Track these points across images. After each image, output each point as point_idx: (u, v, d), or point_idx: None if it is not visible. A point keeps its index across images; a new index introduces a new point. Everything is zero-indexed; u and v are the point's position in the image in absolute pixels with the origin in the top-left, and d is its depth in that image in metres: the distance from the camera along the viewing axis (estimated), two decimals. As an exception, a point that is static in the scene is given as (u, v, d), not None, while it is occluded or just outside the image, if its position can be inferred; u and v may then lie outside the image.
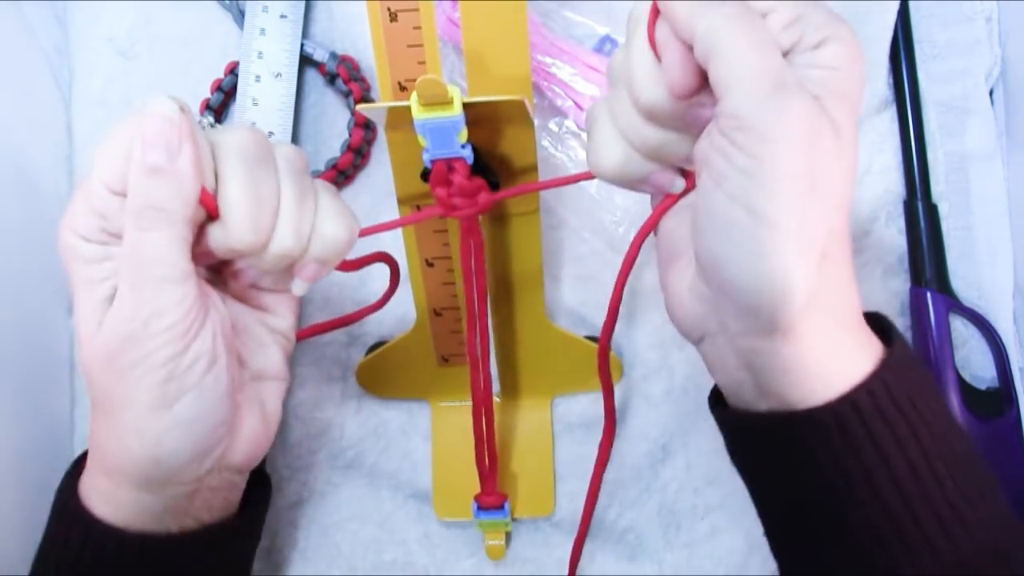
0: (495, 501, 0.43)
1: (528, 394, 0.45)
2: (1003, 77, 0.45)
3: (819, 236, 0.27)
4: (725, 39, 0.27)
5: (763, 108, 0.27)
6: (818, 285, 0.27)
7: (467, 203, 0.34)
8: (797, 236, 0.27)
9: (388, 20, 0.33)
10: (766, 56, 0.27)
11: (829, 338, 0.28)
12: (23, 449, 0.41)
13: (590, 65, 0.43)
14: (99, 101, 0.47)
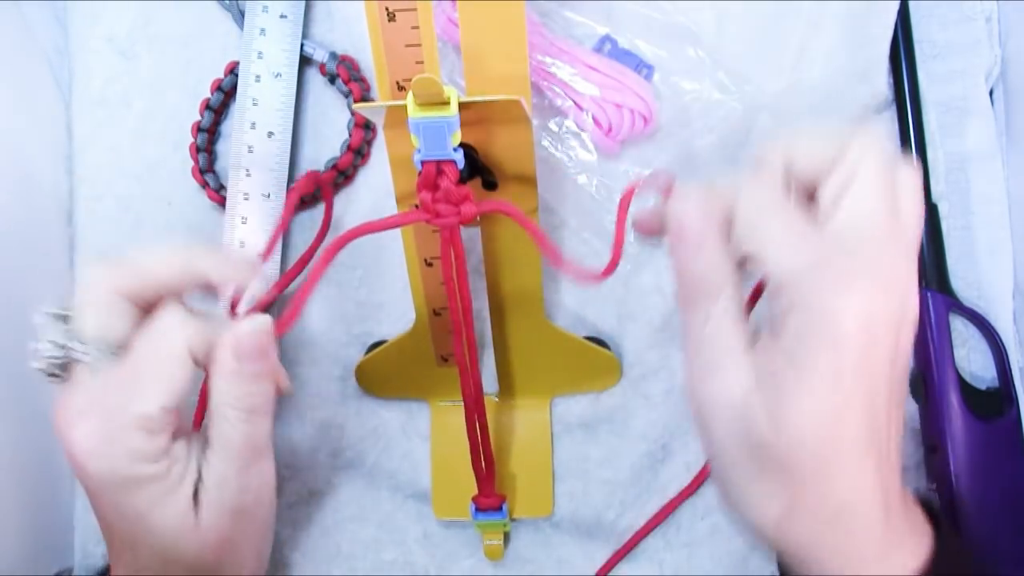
0: (493, 502, 0.42)
1: (527, 394, 0.45)
2: (1003, 77, 0.45)
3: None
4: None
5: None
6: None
7: (450, 211, 0.33)
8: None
9: (386, 20, 0.33)
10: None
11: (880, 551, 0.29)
12: (23, 449, 0.41)
13: (590, 65, 0.43)
14: (99, 101, 0.47)
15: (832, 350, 0.26)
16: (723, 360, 0.29)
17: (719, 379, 0.29)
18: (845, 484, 0.27)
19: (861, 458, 0.27)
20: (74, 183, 0.47)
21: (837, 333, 0.26)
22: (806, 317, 0.27)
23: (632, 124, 0.43)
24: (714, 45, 0.45)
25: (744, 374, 0.28)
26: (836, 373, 0.26)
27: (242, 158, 0.44)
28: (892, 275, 0.27)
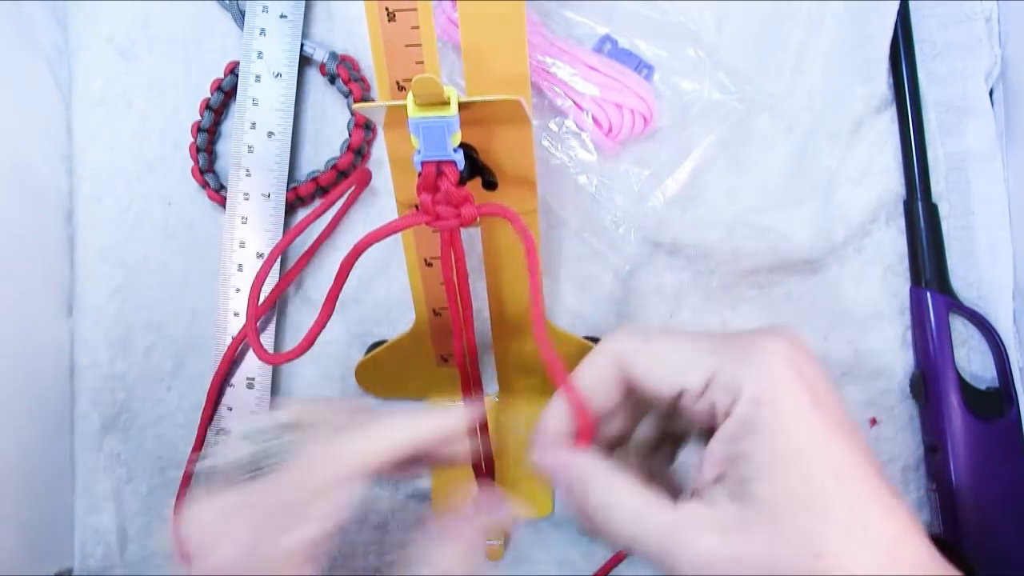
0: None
1: (527, 394, 0.45)
2: (1003, 77, 0.45)
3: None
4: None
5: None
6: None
7: (450, 213, 0.33)
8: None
9: (386, 20, 0.33)
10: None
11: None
12: (23, 449, 0.41)
13: (590, 65, 0.43)
14: (99, 101, 0.47)
15: (782, 391, 0.27)
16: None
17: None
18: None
19: (872, 482, 0.27)
20: (74, 183, 0.47)
21: (773, 370, 0.27)
22: (747, 380, 0.27)
23: (632, 124, 0.43)
24: (714, 45, 0.45)
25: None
26: (801, 410, 0.26)
27: (242, 158, 0.44)
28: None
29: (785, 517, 0.26)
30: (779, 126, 0.45)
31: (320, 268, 0.46)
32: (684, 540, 0.27)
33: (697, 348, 0.28)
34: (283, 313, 0.46)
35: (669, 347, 0.29)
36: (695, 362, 0.28)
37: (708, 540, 0.27)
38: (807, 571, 0.26)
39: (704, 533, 0.27)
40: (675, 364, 0.28)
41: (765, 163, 0.45)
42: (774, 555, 0.26)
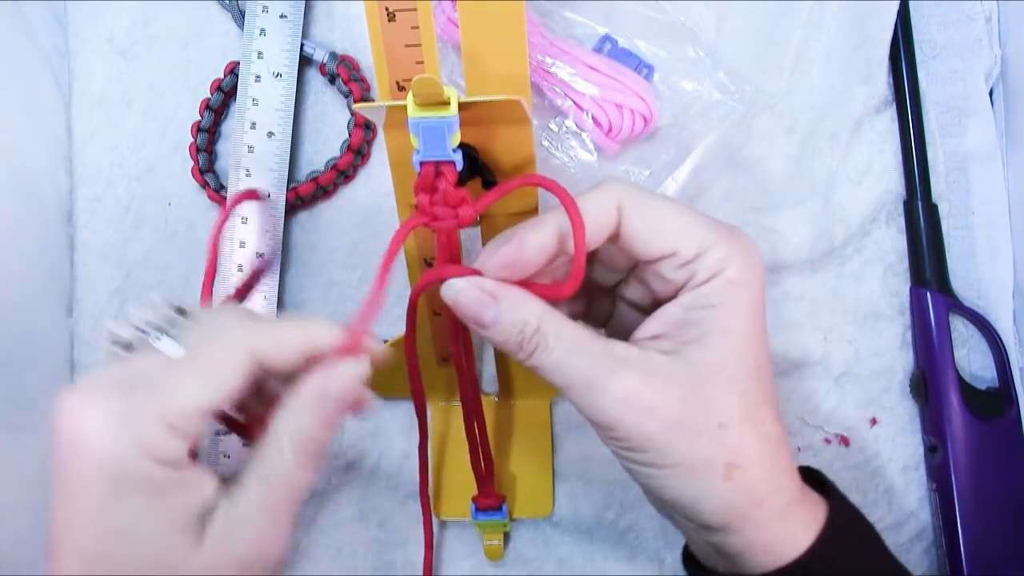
0: (492, 503, 0.42)
1: (527, 394, 0.45)
2: (1003, 77, 0.45)
3: (712, 464, 0.29)
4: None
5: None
6: (734, 496, 0.29)
7: (448, 214, 0.33)
8: (690, 474, 0.29)
9: (386, 20, 0.33)
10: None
11: (767, 524, 0.30)
12: (23, 449, 0.41)
13: (590, 65, 0.43)
14: (99, 101, 0.47)
15: (753, 287, 0.30)
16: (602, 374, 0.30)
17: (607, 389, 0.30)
18: (774, 422, 0.30)
19: (775, 396, 0.31)
20: (74, 183, 0.47)
21: (756, 268, 0.31)
22: (733, 263, 0.30)
23: (632, 124, 0.43)
24: (714, 45, 0.45)
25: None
26: (756, 308, 0.30)
27: (242, 158, 0.44)
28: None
29: (707, 384, 0.29)
30: (779, 126, 0.45)
31: (320, 266, 0.46)
32: (609, 372, 0.29)
33: (697, 220, 0.30)
34: (283, 314, 0.46)
35: (672, 210, 0.31)
36: (694, 231, 0.30)
37: (630, 379, 0.29)
38: (708, 437, 0.29)
39: (629, 371, 0.29)
40: (676, 226, 0.30)
41: (765, 163, 0.45)
42: (685, 411, 0.29)
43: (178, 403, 0.27)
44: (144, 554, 0.27)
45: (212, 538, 0.28)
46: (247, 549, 0.28)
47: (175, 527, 0.27)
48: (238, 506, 0.29)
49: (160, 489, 0.27)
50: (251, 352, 0.29)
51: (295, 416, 0.30)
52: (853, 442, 0.44)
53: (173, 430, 0.27)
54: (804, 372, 0.45)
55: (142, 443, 0.26)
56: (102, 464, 0.26)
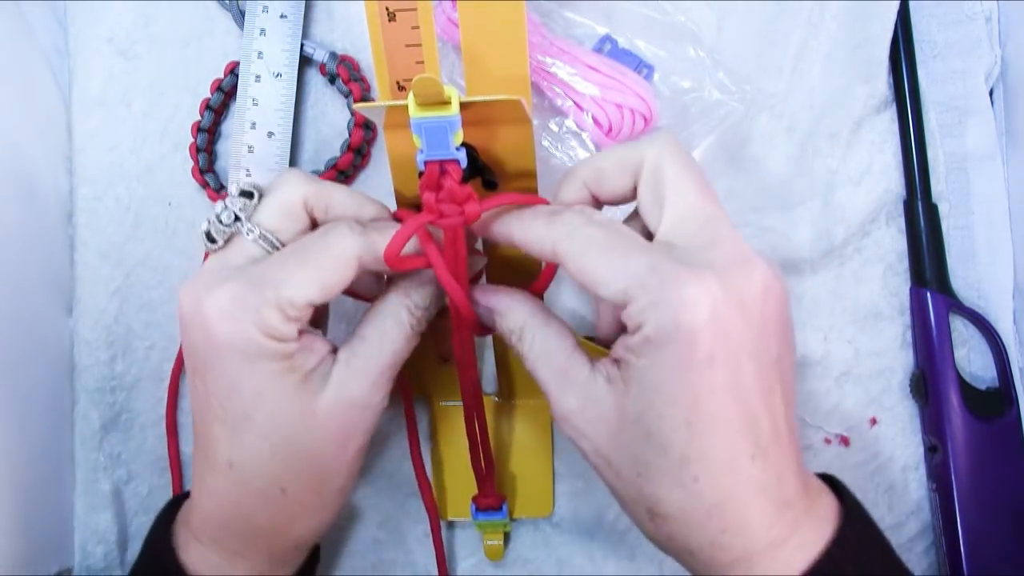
0: (493, 503, 0.42)
1: (527, 394, 0.45)
2: (1003, 77, 0.45)
3: (636, 504, 0.30)
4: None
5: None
6: (664, 542, 0.31)
7: (454, 211, 0.33)
8: (622, 503, 0.31)
9: (386, 19, 0.33)
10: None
11: (780, 534, 0.29)
12: (23, 449, 0.41)
13: (590, 65, 0.43)
14: (99, 101, 0.47)
15: (677, 344, 0.28)
16: (575, 381, 0.31)
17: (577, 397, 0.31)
18: (713, 479, 0.28)
19: (731, 449, 0.28)
20: (74, 183, 0.47)
21: (680, 325, 0.27)
22: (650, 319, 0.28)
23: (632, 124, 0.43)
24: (714, 45, 0.45)
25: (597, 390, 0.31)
26: (684, 365, 0.28)
27: (242, 158, 0.44)
28: (732, 255, 0.29)
29: (629, 430, 0.29)
30: (779, 126, 0.45)
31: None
32: (559, 391, 0.31)
33: (630, 261, 0.29)
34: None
35: (610, 247, 0.30)
36: (619, 278, 0.29)
37: (571, 401, 0.31)
38: (627, 480, 0.30)
39: (572, 394, 0.31)
40: (604, 268, 0.30)
41: (765, 163, 0.45)
42: (610, 448, 0.30)
43: (290, 296, 0.31)
44: (276, 409, 0.32)
45: (331, 388, 0.33)
46: (359, 395, 0.33)
47: (298, 382, 0.32)
48: (356, 361, 0.33)
49: (281, 356, 0.31)
50: (361, 261, 0.33)
51: (413, 290, 0.35)
52: (853, 442, 0.44)
53: (285, 316, 0.31)
54: (804, 372, 0.45)
55: (260, 325, 0.30)
56: (231, 342, 0.31)
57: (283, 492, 0.32)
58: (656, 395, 0.28)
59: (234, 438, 0.32)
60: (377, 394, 0.34)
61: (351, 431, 0.33)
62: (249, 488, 0.32)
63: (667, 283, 0.28)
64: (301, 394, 0.32)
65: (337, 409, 0.33)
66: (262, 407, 0.31)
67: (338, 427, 0.33)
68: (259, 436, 0.32)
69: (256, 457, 0.32)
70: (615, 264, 0.29)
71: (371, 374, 0.34)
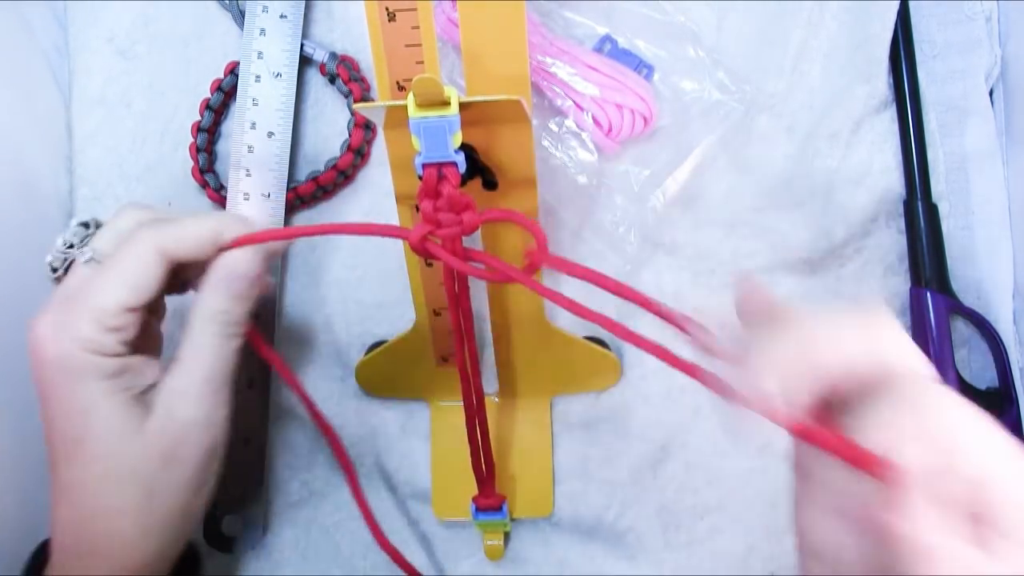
0: (493, 503, 0.42)
1: (527, 394, 0.45)
2: (1003, 77, 0.45)
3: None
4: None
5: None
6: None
7: (452, 220, 0.33)
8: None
9: (386, 20, 0.33)
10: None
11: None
12: (23, 449, 0.41)
13: (590, 65, 0.43)
14: (99, 101, 0.47)
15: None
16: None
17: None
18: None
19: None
20: (74, 183, 0.47)
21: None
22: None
23: (632, 124, 0.43)
24: (714, 45, 0.45)
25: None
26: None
27: (242, 158, 0.44)
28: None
29: None
30: (779, 126, 0.45)
31: (320, 266, 0.46)
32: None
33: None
34: (282, 314, 0.46)
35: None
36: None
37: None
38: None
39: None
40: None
41: (765, 163, 0.45)
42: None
43: (101, 304, 0.32)
44: (107, 429, 0.32)
45: (158, 409, 0.33)
46: (187, 415, 0.33)
47: (127, 403, 0.32)
48: (176, 380, 0.34)
49: (108, 373, 0.32)
50: (160, 250, 0.33)
51: (209, 296, 0.34)
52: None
53: (103, 327, 0.32)
54: (804, 372, 0.45)
55: (80, 341, 0.32)
56: (58, 364, 0.32)
57: (119, 513, 0.33)
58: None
59: (69, 462, 0.32)
60: (202, 409, 0.34)
61: (180, 449, 0.33)
62: (84, 512, 0.33)
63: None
64: (131, 415, 0.32)
65: (162, 427, 0.33)
66: (92, 428, 0.32)
67: (167, 446, 0.33)
68: (91, 458, 0.32)
69: (89, 479, 0.32)
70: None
71: (191, 390, 0.34)
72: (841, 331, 0.25)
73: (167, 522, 0.34)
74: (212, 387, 0.34)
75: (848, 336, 0.25)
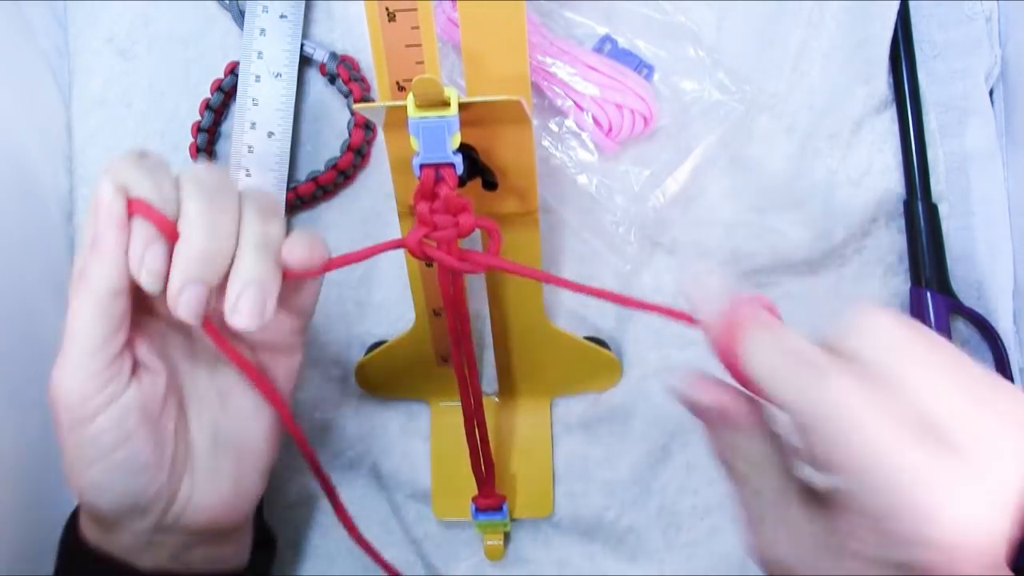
0: (493, 503, 0.42)
1: (527, 394, 0.45)
2: (1003, 77, 0.45)
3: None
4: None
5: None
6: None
7: (448, 222, 0.33)
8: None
9: (386, 20, 0.33)
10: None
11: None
12: (23, 449, 0.41)
13: (590, 65, 0.43)
14: (99, 101, 0.47)
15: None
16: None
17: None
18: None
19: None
20: (74, 183, 0.47)
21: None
22: (870, 538, 0.24)
23: (632, 124, 0.43)
24: (714, 45, 0.45)
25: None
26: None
27: (242, 158, 0.44)
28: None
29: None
30: (779, 126, 0.45)
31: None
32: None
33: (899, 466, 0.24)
34: (283, 313, 0.46)
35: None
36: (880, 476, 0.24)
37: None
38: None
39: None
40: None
41: (765, 163, 0.45)
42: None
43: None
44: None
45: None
46: (56, 387, 0.30)
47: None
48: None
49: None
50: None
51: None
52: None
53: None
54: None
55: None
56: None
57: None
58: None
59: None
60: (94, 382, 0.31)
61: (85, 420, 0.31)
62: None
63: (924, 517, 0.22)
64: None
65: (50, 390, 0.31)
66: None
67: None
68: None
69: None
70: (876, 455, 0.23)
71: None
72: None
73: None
74: (73, 356, 0.30)
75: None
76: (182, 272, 0.29)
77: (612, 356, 0.44)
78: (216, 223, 0.30)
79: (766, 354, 0.26)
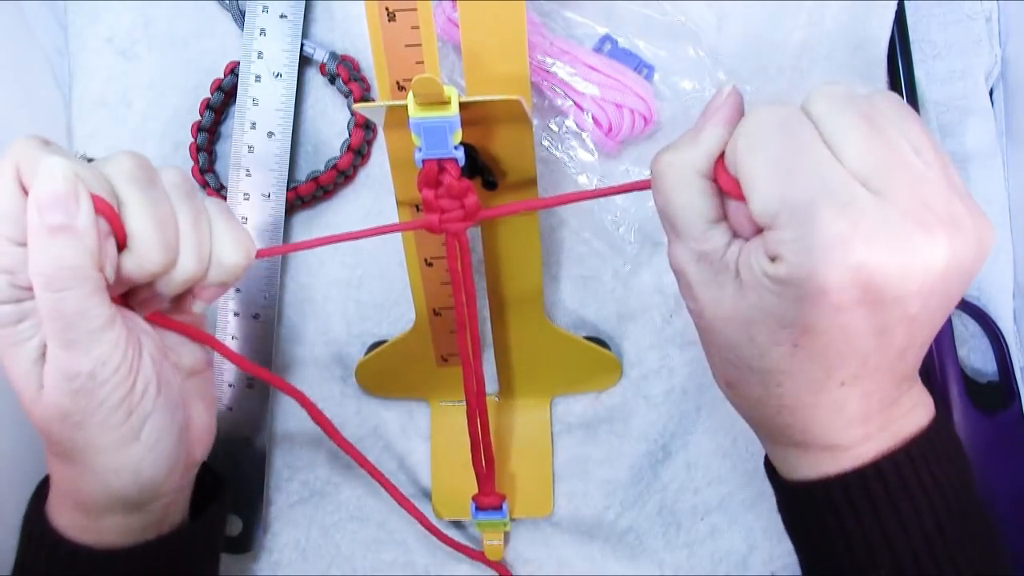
0: (493, 502, 0.42)
1: (527, 394, 0.45)
2: (1003, 77, 0.45)
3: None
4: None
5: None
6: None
7: (454, 206, 0.33)
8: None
9: (386, 20, 0.33)
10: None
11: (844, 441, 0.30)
12: (24, 450, 0.41)
13: (590, 65, 0.43)
14: (99, 101, 0.47)
15: (807, 291, 0.26)
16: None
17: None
18: (795, 391, 0.29)
19: (824, 375, 0.28)
20: (74, 183, 0.47)
21: (816, 281, 0.26)
22: (790, 258, 0.26)
23: (632, 124, 0.43)
24: (714, 45, 0.45)
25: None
26: (808, 302, 0.27)
27: (242, 158, 0.44)
28: (907, 212, 0.26)
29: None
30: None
31: (320, 266, 0.46)
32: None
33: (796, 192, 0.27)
34: (282, 314, 0.46)
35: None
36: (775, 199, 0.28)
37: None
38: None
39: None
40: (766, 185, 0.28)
41: (765, 163, 0.45)
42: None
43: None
44: (13, 382, 0.31)
45: (45, 372, 0.30)
46: (65, 377, 0.30)
47: (26, 354, 0.30)
48: (46, 340, 0.30)
49: (7, 324, 0.29)
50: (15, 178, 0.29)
51: (32, 258, 0.29)
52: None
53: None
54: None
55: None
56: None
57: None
58: (770, 316, 0.28)
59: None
60: (77, 366, 0.30)
61: (80, 416, 0.31)
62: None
63: (818, 232, 0.26)
64: (25, 370, 0.30)
65: (52, 396, 0.30)
66: (9, 377, 0.31)
67: (58, 413, 0.31)
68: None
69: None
70: (775, 183, 0.27)
71: (57, 350, 0.30)
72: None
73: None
74: (76, 343, 0.29)
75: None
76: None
77: (612, 356, 0.44)
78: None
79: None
